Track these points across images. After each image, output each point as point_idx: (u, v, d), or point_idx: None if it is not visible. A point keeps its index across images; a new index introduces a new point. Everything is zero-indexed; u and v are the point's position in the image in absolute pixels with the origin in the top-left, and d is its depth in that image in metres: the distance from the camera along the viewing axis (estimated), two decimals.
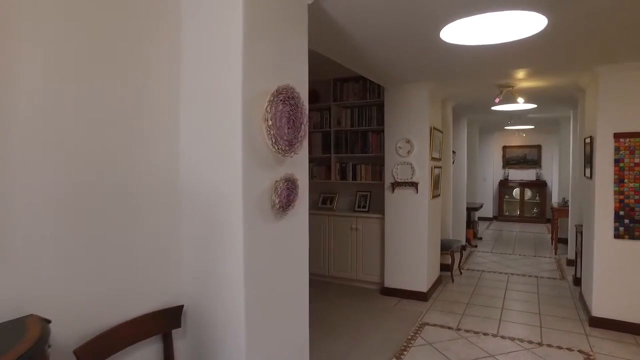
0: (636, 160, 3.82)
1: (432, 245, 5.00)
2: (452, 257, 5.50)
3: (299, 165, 2.12)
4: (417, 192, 4.68)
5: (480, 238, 8.69)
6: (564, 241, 7.23)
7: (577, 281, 5.24)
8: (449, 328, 3.94)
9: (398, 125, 4.80)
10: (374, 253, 5.11)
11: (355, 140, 5.39)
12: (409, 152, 4.70)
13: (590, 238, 4.13)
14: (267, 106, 1.80)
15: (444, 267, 5.68)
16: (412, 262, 4.79)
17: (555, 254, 7.18)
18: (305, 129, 2.07)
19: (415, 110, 4.70)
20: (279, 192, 1.91)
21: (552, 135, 10.57)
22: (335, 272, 5.38)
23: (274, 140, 1.84)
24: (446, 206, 6.13)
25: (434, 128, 4.84)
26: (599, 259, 3.95)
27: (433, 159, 4.85)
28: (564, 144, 8.45)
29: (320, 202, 5.76)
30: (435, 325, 4.01)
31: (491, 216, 11.39)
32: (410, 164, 4.69)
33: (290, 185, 1.98)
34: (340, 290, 5.11)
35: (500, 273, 5.94)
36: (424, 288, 4.76)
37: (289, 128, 1.94)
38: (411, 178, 4.68)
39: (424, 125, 4.67)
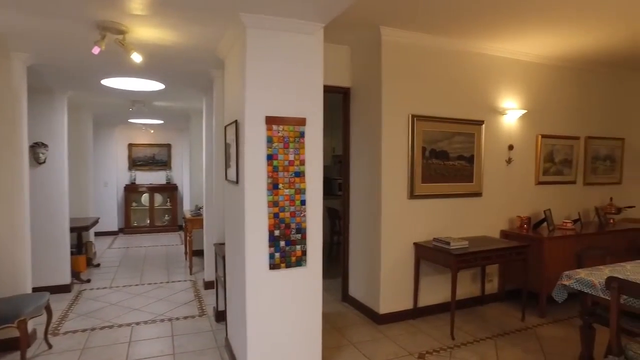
0: (290, 157, 2.76)
1: None
2: (22, 329, 3.05)
3: None
4: None
5: (98, 265, 6.40)
6: (200, 253, 6.10)
7: (220, 315, 4.00)
8: None
9: None
10: None
11: None
12: None
13: (239, 271, 2.83)
14: None
15: (10, 345, 3.19)
16: None
17: (191, 273, 5.91)
18: None
19: None
20: None
21: (183, 133, 9.56)
22: None
23: None
24: (6, 239, 3.51)
25: None
26: (252, 305, 2.67)
27: None
28: (195, 142, 7.42)
29: None
30: None
31: (117, 229, 9.23)
32: None
33: None
34: None
35: (121, 326, 3.96)
36: None
37: None
38: None
39: None
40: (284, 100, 2.66)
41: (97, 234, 7.89)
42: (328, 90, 3.82)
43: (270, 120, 2.64)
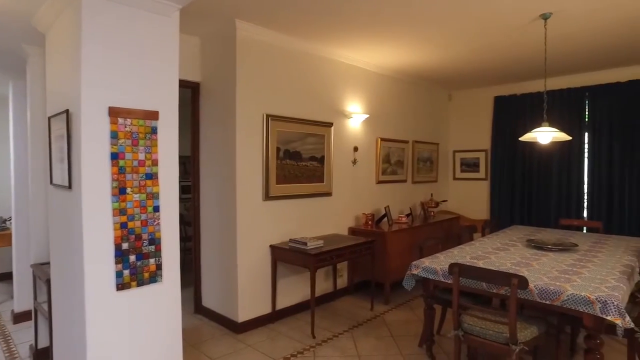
0: (140, 157, 2.36)
1: None
2: None
3: None
4: None
5: None
6: (6, 277, 4.90)
7: (42, 355, 3.23)
8: None
9: None
10: None
11: None
12: None
13: (75, 296, 2.30)
14: None
15: None
16: None
17: None
18: None
19: None
20: None
21: None
22: None
23: None
24: None
25: None
26: (95, 336, 2.18)
27: None
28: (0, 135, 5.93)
29: None
30: None
31: None
32: None
33: None
34: None
35: None
36: None
37: None
38: None
39: None
40: (133, 89, 2.26)
41: None
42: None
43: (115, 112, 2.21)
